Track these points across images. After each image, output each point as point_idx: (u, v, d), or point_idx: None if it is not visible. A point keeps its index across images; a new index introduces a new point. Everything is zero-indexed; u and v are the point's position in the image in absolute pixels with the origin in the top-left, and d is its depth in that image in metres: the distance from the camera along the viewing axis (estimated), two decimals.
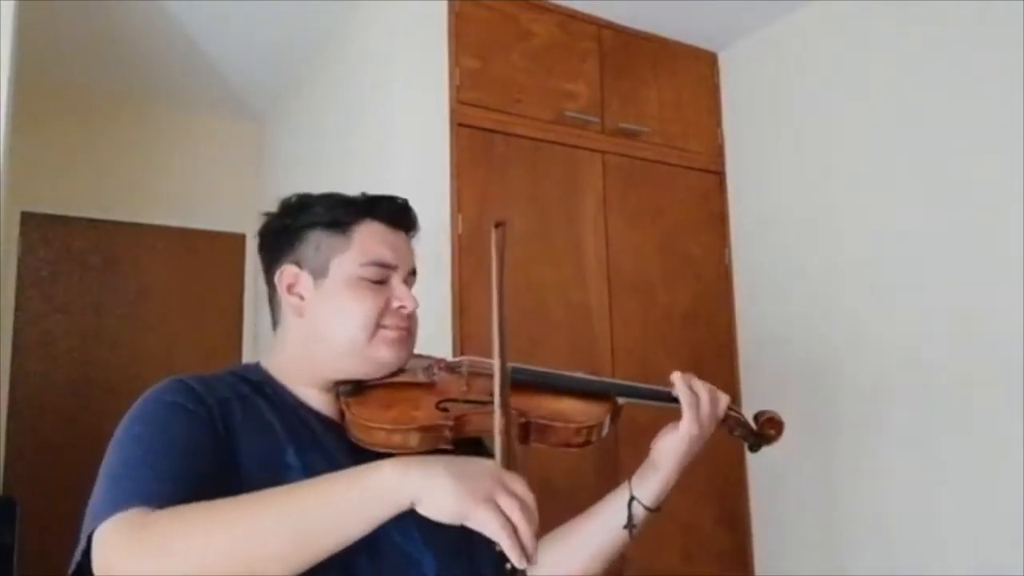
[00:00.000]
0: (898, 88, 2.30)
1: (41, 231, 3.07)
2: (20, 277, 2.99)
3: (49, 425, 2.96)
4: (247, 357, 3.32)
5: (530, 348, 2.20)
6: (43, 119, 3.02)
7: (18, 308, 2.97)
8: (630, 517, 1.02)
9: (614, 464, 2.26)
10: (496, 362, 0.88)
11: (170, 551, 0.70)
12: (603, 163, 2.55)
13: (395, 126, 2.28)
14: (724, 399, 1.05)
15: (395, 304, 1.00)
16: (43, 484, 2.78)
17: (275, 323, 1.05)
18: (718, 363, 2.69)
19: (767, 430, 1.09)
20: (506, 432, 0.84)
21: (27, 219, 3.00)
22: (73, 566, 0.78)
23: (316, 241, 1.01)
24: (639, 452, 1.06)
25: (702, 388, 1.03)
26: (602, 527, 1.04)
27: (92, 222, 3.17)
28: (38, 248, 3.06)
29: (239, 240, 3.39)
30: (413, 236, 1.08)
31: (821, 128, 2.53)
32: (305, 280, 1.01)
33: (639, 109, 2.67)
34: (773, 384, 2.60)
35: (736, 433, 1.09)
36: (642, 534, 1.03)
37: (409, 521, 0.92)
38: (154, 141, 3.33)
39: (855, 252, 2.39)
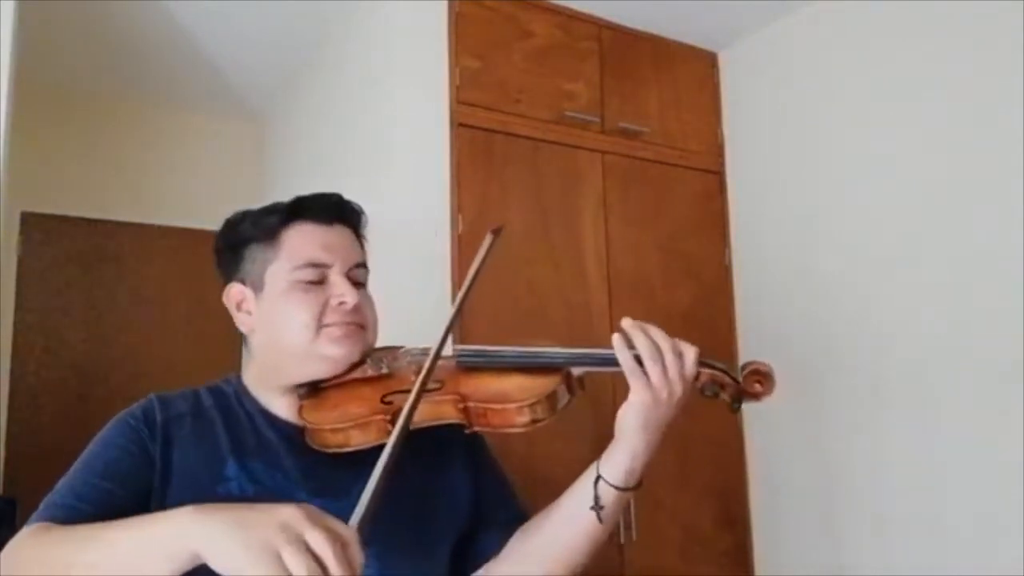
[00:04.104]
0: (898, 87, 2.30)
1: (41, 231, 3.06)
2: (20, 277, 2.99)
3: (49, 425, 2.95)
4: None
5: None
6: (43, 119, 3.02)
7: (18, 308, 2.97)
8: (596, 498, 0.93)
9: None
10: (428, 362, 0.88)
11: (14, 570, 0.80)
12: (603, 163, 2.55)
13: (395, 126, 2.28)
14: (690, 354, 0.93)
15: (334, 301, 1.00)
16: (43, 484, 2.74)
17: (243, 336, 1.08)
18: None
19: (750, 385, 0.95)
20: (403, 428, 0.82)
21: (27, 219, 3.00)
22: None
23: (252, 255, 1.03)
24: None
25: (646, 345, 0.91)
26: (569, 515, 0.97)
27: (92, 222, 3.16)
28: (38, 248, 3.05)
29: None
30: (360, 228, 1.08)
31: (821, 128, 2.53)
32: (249, 295, 1.03)
33: (639, 109, 2.67)
34: None
35: (708, 393, 0.95)
36: (640, 534, 1.00)
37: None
38: (154, 141, 3.33)
39: (855, 252, 2.39)
